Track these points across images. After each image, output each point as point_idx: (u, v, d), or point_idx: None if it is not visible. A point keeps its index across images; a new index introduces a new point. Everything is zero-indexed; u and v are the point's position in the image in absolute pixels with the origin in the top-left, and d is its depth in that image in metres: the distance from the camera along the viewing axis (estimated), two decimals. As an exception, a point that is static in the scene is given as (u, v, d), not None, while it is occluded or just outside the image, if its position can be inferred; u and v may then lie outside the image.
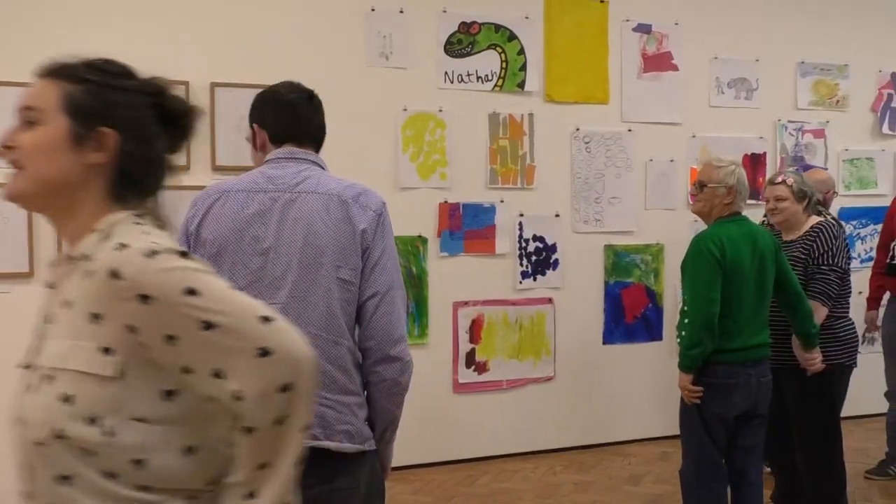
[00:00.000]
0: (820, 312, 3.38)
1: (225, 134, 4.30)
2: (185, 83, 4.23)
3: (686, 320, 3.18)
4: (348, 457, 1.85)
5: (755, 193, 5.39)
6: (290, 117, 2.01)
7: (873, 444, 4.70)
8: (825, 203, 4.24)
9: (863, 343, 4.24)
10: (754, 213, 5.31)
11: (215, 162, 4.29)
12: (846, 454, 3.60)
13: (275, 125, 2.02)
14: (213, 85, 4.28)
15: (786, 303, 3.27)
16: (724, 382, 3.06)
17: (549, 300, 4.97)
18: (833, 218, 4.27)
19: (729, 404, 3.08)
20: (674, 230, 5.10)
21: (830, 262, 3.40)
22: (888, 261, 4.28)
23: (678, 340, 3.21)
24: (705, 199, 3.21)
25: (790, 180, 3.52)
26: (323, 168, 1.98)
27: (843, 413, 3.61)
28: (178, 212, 4.59)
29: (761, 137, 5.43)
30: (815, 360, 3.33)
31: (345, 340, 1.85)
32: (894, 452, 4.21)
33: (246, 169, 4.46)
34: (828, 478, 3.46)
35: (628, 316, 5.15)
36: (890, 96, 5.75)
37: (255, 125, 2.07)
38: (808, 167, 5.38)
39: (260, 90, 2.24)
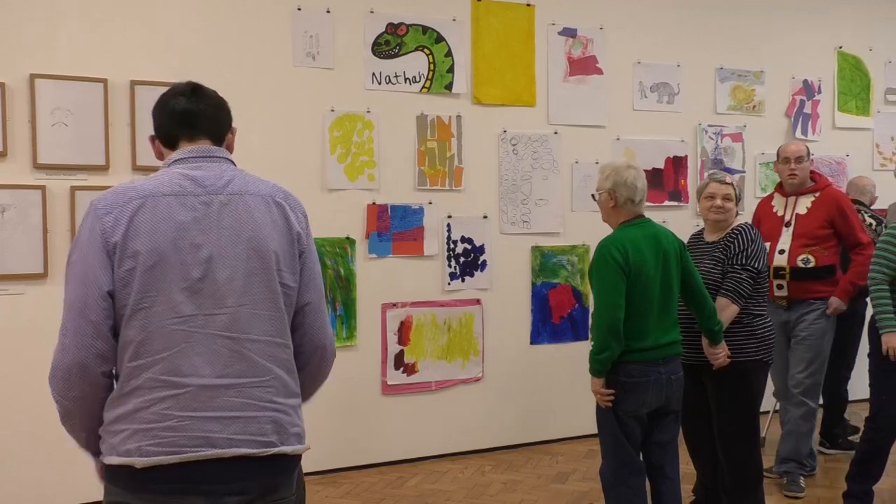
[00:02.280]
0: (730, 310, 3.49)
1: (146, 133, 4.18)
2: (104, 81, 4.13)
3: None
4: (294, 461, 1.85)
5: (676, 195, 5.55)
6: (174, 116, 1.89)
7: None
8: (871, 206, 4.46)
9: None
10: (676, 215, 5.46)
11: (136, 162, 4.18)
12: (763, 448, 3.72)
13: (160, 128, 1.93)
14: (133, 83, 4.17)
15: (690, 301, 3.37)
16: (636, 381, 3.13)
17: (478, 301, 5.00)
18: (871, 216, 4.52)
19: (641, 402, 3.15)
20: (599, 232, 5.04)
21: (744, 262, 3.52)
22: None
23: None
24: (599, 207, 3.34)
25: (735, 183, 3.65)
26: (235, 164, 1.92)
27: (762, 408, 3.72)
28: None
29: (683, 140, 5.57)
30: (718, 355, 3.44)
31: (290, 343, 1.86)
32: (784, 453, 4.36)
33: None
34: (745, 471, 3.58)
35: (555, 316, 5.22)
36: (802, 102, 5.97)
37: (151, 138, 1.98)
38: (728, 170, 5.57)
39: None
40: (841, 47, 6.09)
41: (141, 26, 4.22)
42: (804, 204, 4.33)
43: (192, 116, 1.88)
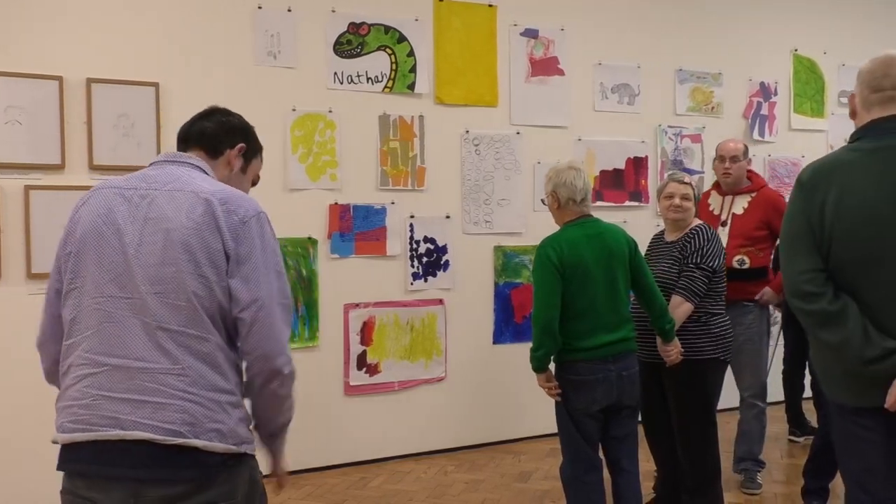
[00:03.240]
0: (683, 307, 3.54)
1: (103, 132, 4.13)
2: (59, 78, 4.05)
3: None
4: (223, 459, 1.79)
5: (637, 196, 5.61)
6: (183, 127, 2.12)
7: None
8: None
9: None
10: (637, 215, 5.52)
11: (93, 161, 4.11)
12: (722, 445, 3.78)
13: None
14: (90, 81, 4.10)
15: (641, 299, 3.43)
16: (584, 379, 3.21)
17: (440, 301, 5.00)
18: None
19: (591, 399, 3.22)
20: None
21: (699, 261, 3.57)
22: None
23: None
24: (550, 210, 3.42)
25: (694, 184, 3.69)
26: (205, 173, 1.99)
27: (719, 406, 3.77)
28: (52, 213, 4.38)
29: (643, 141, 5.63)
30: (670, 352, 3.49)
31: (212, 336, 1.80)
32: (741, 453, 4.43)
33: (126, 168, 4.30)
34: (703, 468, 3.63)
35: (517, 316, 5.24)
36: (759, 104, 6.07)
37: None
38: (688, 170, 5.64)
39: (139, 86, 2.22)
40: (796, 50, 6.21)
41: (98, 23, 4.16)
42: (741, 204, 4.36)
43: (187, 133, 2.09)
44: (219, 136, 2.09)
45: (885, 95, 2.25)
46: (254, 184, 2.21)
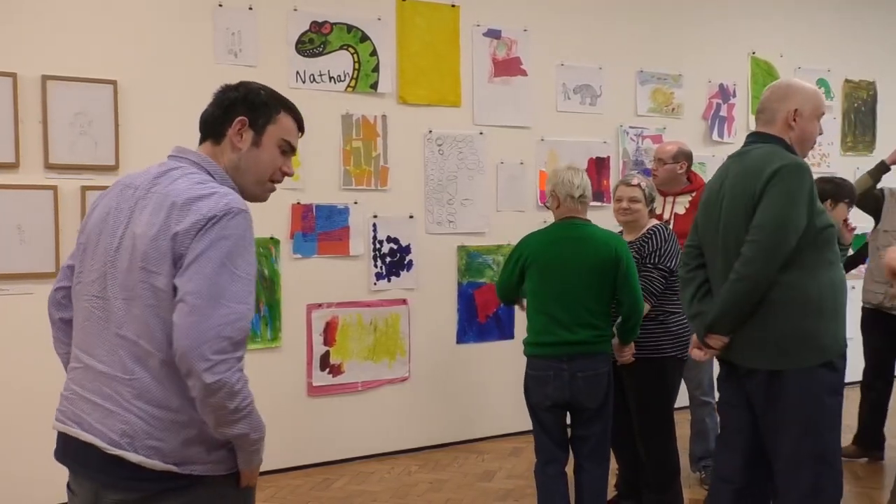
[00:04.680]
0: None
1: (59, 130, 4.05)
2: (13, 75, 3.97)
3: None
4: (171, 478, 1.73)
5: (599, 196, 5.65)
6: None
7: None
8: None
9: None
10: (599, 216, 5.57)
11: (48, 160, 4.03)
12: (680, 443, 3.82)
13: None
14: (45, 78, 4.02)
15: (618, 307, 3.46)
16: (537, 374, 3.39)
17: (404, 301, 5.00)
18: None
19: (543, 394, 3.38)
20: (524, 231, 5.15)
21: (656, 261, 3.62)
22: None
23: None
24: (552, 211, 3.55)
25: (643, 183, 3.73)
26: (202, 167, 1.87)
27: (677, 404, 3.82)
28: (6, 212, 4.29)
29: (605, 142, 5.68)
30: (624, 353, 3.57)
31: (159, 353, 1.72)
32: (699, 453, 4.49)
33: (83, 167, 4.22)
34: (663, 466, 3.68)
35: (481, 316, 5.25)
36: (718, 105, 6.16)
37: None
38: (647, 171, 5.70)
39: (97, 84, 2.14)
40: (754, 53, 6.31)
41: (54, 19, 4.08)
42: (682, 204, 4.45)
43: (202, 119, 1.99)
44: (216, 119, 1.93)
45: (760, 118, 2.96)
46: (289, 152, 1.98)
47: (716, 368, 4.49)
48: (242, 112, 1.92)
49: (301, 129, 2.02)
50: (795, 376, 2.67)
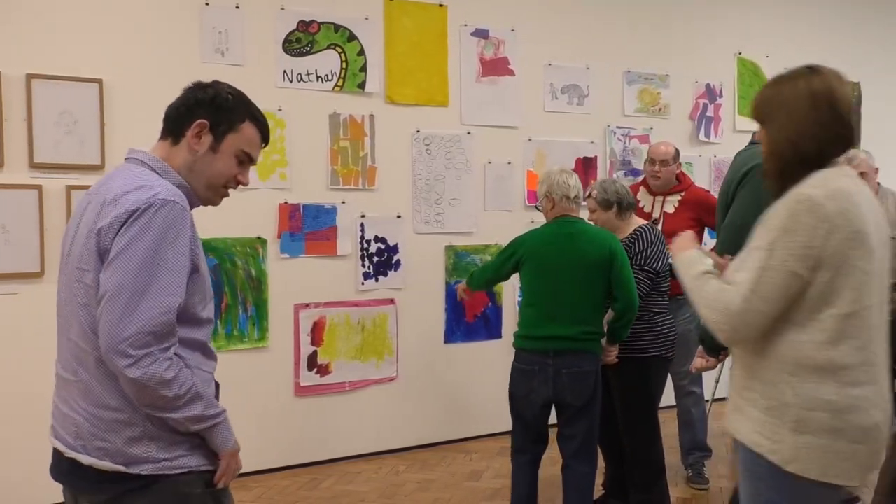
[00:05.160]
0: None
1: (44, 129, 4.02)
2: (-2, 74, 3.94)
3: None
4: (102, 476, 1.72)
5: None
6: None
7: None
8: None
9: None
10: (585, 215, 5.57)
11: (33, 159, 4.00)
12: (666, 441, 3.84)
13: None
14: (30, 76, 3.99)
15: (613, 305, 3.51)
16: (523, 367, 3.46)
17: (392, 301, 4.99)
18: None
19: (528, 387, 3.43)
20: (511, 231, 5.17)
21: (642, 263, 3.64)
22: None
23: None
24: (545, 216, 3.63)
25: (594, 193, 3.77)
26: (148, 165, 1.84)
27: (662, 404, 3.84)
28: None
29: (592, 142, 5.69)
30: (610, 352, 3.60)
31: (94, 352, 1.71)
32: (687, 444, 4.51)
33: (68, 167, 4.19)
34: (647, 465, 3.69)
35: (469, 315, 5.26)
36: (705, 106, 6.19)
37: None
38: (635, 171, 5.72)
39: (82, 82, 2.14)
40: (740, 53, 6.34)
41: (39, 17, 4.05)
42: (672, 203, 4.51)
43: (164, 117, 1.93)
44: (179, 116, 1.87)
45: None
46: (246, 163, 1.93)
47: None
48: (204, 115, 1.86)
49: (266, 140, 1.97)
50: None
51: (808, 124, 1.93)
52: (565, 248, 3.40)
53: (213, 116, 1.86)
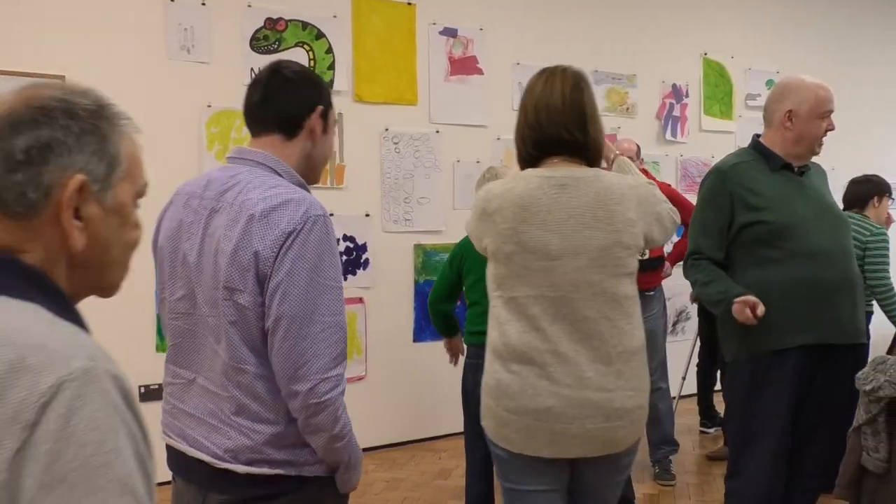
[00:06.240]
0: None
1: None
2: (-43, 70, 3.87)
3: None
4: (281, 481, 1.72)
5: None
6: (244, 113, 1.89)
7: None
8: None
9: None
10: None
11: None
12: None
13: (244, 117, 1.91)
14: (-9, 73, 3.92)
15: None
16: (470, 361, 3.59)
17: (360, 300, 4.98)
18: None
19: (475, 381, 3.43)
20: (480, 229, 5.27)
21: None
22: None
23: None
24: None
25: None
26: (269, 167, 1.78)
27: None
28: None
29: (560, 141, 5.71)
30: None
31: (250, 367, 1.66)
32: (656, 439, 4.56)
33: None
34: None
35: (438, 314, 5.25)
36: (671, 105, 6.25)
37: None
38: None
39: (45, 79, 2.07)
40: (706, 54, 6.41)
41: (-1, 13, 3.98)
42: None
43: (251, 111, 1.86)
44: (284, 107, 1.82)
45: (764, 118, 3.00)
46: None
47: (669, 364, 4.57)
48: (316, 98, 1.83)
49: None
50: (728, 368, 2.95)
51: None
52: None
53: (322, 98, 1.84)
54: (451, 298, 3.69)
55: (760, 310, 2.60)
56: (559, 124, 2.13)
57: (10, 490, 0.79)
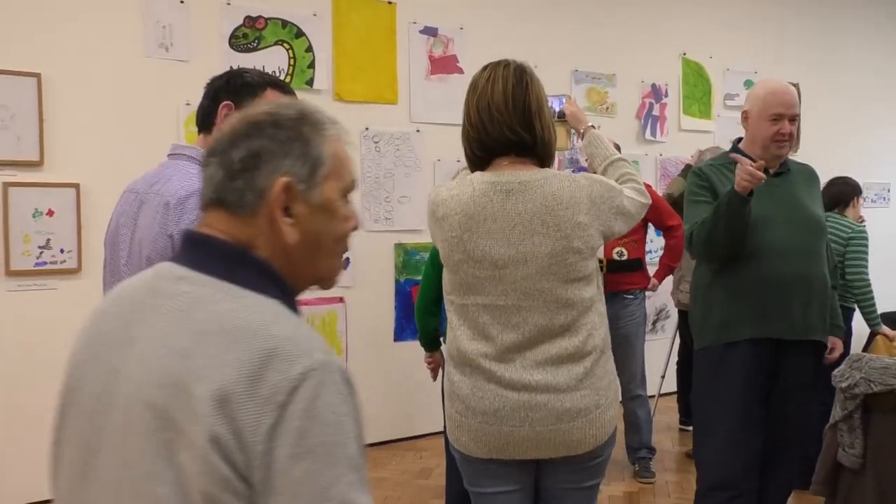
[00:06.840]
0: None
1: (-20, 125, 3.90)
2: (-69, 67, 3.81)
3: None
4: None
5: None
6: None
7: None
8: None
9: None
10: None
11: (-31, 155, 3.88)
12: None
13: None
14: (-35, 70, 3.87)
15: None
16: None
17: (341, 299, 4.96)
18: None
19: None
20: (461, 228, 5.26)
21: None
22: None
23: None
24: None
25: None
26: (195, 160, 1.87)
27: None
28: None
29: (540, 140, 5.72)
30: None
31: None
32: (635, 444, 4.58)
33: (5, 163, 4.07)
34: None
35: (418, 313, 5.24)
36: (651, 105, 6.28)
37: None
38: (583, 169, 5.77)
39: (19, 76, 2.08)
40: (685, 54, 6.45)
41: (-27, 9, 3.93)
42: None
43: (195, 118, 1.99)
44: (205, 109, 1.94)
45: None
46: None
47: (648, 362, 4.60)
48: (226, 97, 1.91)
49: None
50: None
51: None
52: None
53: (234, 96, 1.91)
54: (438, 302, 3.63)
55: (759, 164, 2.68)
56: (503, 125, 2.04)
57: (266, 458, 0.94)
